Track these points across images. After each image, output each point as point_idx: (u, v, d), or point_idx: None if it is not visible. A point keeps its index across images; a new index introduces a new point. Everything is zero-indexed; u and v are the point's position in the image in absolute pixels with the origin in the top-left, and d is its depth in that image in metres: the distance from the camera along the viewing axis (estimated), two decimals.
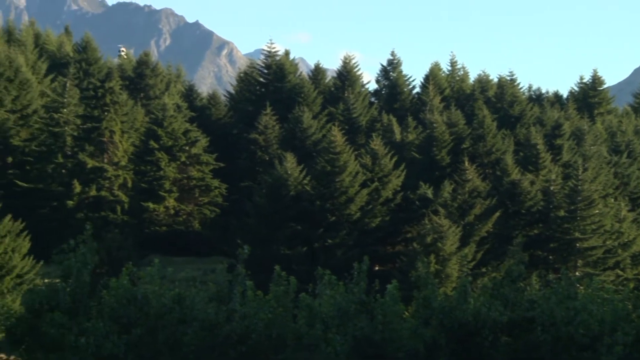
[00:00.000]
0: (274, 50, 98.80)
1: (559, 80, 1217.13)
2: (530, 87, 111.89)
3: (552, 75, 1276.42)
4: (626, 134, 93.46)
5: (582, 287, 29.89)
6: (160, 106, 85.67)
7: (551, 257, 71.17)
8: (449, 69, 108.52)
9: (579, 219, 70.17)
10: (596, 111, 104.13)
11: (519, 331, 27.34)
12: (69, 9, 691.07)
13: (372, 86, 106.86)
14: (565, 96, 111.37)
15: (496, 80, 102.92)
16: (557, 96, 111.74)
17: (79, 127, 79.88)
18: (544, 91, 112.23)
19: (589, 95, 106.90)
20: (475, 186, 71.11)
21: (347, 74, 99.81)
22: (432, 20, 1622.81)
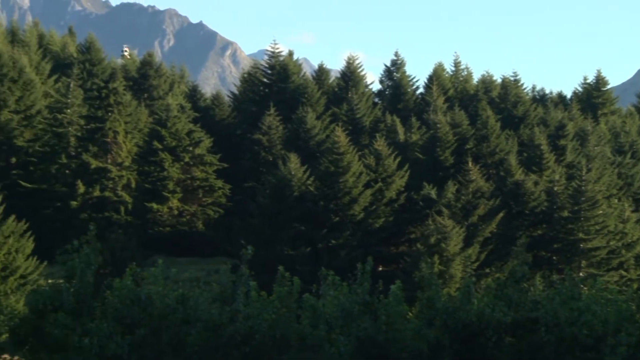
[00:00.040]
0: (277, 50, 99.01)
1: (563, 80, 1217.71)
2: (534, 88, 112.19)
3: (555, 75, 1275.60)
4: (630, 135, 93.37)
5: (585, 288, 29.90)
6: (164, 107, 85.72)
7: (555, 257, 71.13)
8: (453, 69, 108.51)
9: (582, 219, 70.12)
10: (600, 112, 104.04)
11: (523, 332, 27.35)
12: (72, 9, 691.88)
13: (376, 87, 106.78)
14: (569, 97, 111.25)
15: (500, 80, 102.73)
16: (560, 97, 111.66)
17: (83, 128, 79.93)
18: (547, 92, 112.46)
19: (593, 95, 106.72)
20: (479, 187, 71.08)
21: (350, 75, 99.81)
22: (435, 20, 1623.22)
